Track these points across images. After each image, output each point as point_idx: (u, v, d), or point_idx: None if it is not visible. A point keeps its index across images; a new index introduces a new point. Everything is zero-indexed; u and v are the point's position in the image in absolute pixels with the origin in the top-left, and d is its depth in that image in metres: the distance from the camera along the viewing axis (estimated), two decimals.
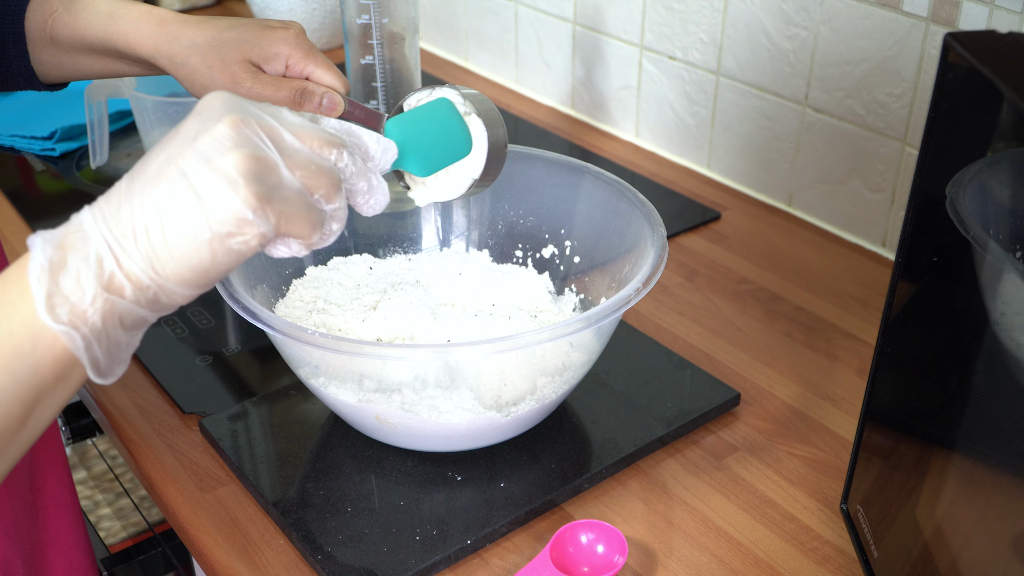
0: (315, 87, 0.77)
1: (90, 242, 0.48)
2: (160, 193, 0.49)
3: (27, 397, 0.47)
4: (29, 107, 1.35)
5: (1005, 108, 0.52)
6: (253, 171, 0.50)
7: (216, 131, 0.50)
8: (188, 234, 0.49)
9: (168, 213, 0.49)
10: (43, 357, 0.47)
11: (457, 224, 0.96)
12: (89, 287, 0.48)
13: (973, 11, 0.94)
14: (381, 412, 0.75)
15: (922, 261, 0.63)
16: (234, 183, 0.49)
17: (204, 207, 0.49)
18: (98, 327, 0.48)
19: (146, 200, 0.49)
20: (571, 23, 1.35)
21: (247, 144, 0.50)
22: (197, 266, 0.49)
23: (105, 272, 0.48)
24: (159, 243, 0.49)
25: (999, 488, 0.56)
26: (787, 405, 0.88)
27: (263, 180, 0.50)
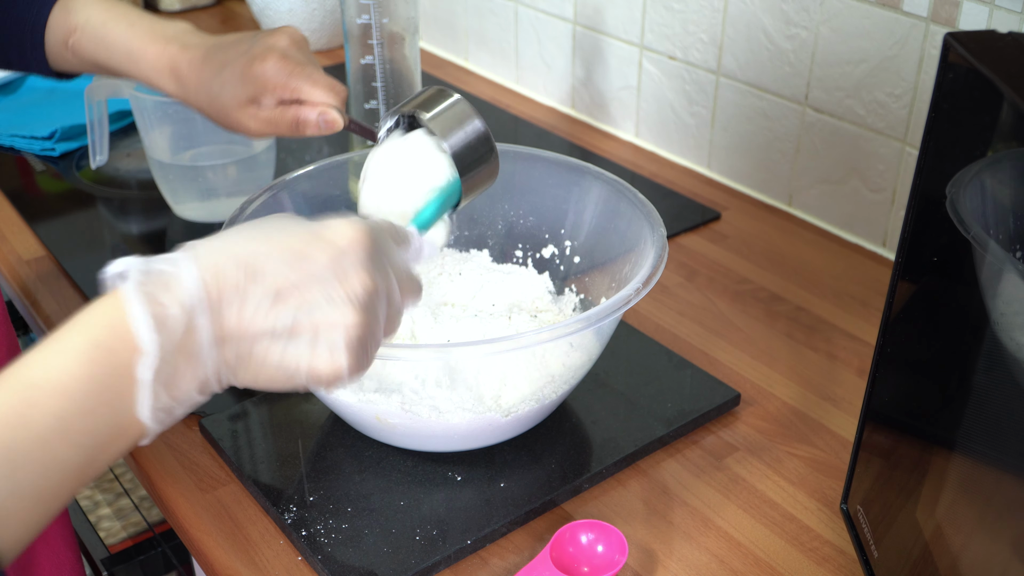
0: (307, 112, 0.78)
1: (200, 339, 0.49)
2: (281, 319, 0.50)
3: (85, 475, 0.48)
4: (29, 107, 1.35)
5: (1005, 108, 0.52)
6: (363, 346, 0.53)
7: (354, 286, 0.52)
8: (284, 368, 0.51)
9: (279, 342, 0.51)
10: (118, 441, 0.48)
11: (457, 224, 0.96)
12: (187, 392, 0.49)
13: (973, 11, 0.94)
14: (381, 412, 0.75)
15: (922, 261, 0.63)
16: (351, 350, 0.52)
17: (314, 355, 0.51)
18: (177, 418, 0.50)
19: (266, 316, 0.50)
20: (571, 23, 1.35)
21: (372, 315, 0.53)
22: (268, 385, 0.52)
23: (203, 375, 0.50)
24: (257, 362, 0.51)
25: (999, 488, 0.56)
26: (787, 405, 0.88)
27: (365, 349, 0.53)
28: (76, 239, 1.11)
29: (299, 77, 0.77)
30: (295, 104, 0.78)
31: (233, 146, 1.09)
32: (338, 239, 0.52)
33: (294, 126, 0.78)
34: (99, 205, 1.17)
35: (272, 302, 0.50)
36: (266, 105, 0.78)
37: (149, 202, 1.15)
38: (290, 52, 0.78)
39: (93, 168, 1.13)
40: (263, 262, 0.50)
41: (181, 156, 1.08)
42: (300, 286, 0.50)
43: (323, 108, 0.77)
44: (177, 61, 0.81)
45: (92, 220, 1.16)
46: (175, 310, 0.47)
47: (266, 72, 0.77)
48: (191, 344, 0.48)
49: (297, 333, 0.51)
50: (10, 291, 1.05)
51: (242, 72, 0.78)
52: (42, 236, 1.10)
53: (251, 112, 0.79)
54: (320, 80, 0.78)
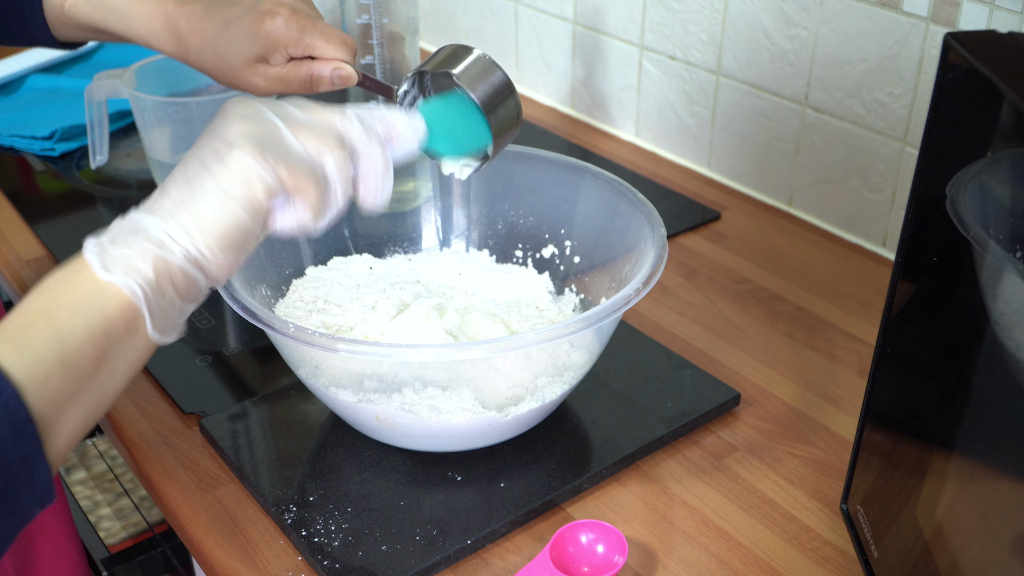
0: (321, 67, 0.77)
1: (138, 221, 0.55)
2: (184, 172, 0.56)
3: (98, 339, 0.51)
4: (29, 107, 1.35)
5: (1005, 108, 0.52)
6: (253, 133, 0.56)
7: (224, 115, 0.57)
8: (206, 197, 0.55)
9: (190, 186, 0.55)
10: (109, 304, 0.52)
11: (457, 224, 0.96)
12: (137, 245, 0.53)
13: (973, 11, 0.94)
14: (381, 412, 0.75)
15: (922, 261, 0.63)
16: (232, 143, 0.55)
17: (211, 170, 0.55)
18: (152, 280, 0.53)
19: (178, 184, 0.56)
20: (571, 23, 1.35)
21: (249, 117, 0.57)
22: (226, 228, 0.55)
23: (152, 237, 0.54)
24: (190, 213, 0.54)
25: (999, 488, 0.56)
26: (787, 405, 0.88)
27: (261, 138, 0.56)
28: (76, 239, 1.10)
29: (312, 33, 0.76)
30: (307, 60, 0.77)
31: None
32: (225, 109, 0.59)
33: (307, 83, 0.77)
34: (99, 205, 1.17)
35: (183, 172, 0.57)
36: (276, 62, 0.77)
37: None
38: (299, 6, 0.77)
39: (93, 168, 1.13)
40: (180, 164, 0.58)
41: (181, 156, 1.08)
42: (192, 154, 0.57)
43: (337, 63, 0.77)
44: (174, 17, 0.79)
45: (92, 220, 1.16)
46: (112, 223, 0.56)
47: (277, 29, 0.75)
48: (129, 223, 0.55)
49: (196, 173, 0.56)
50: (10, 291, 1.05)
51: (250, 29, 0.76)
52: (42, 236, 1.10)
53: (260, 70, 0.77)
54: (333, 35, 0.77)
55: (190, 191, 0.55)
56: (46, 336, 0.50)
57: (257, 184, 0.55)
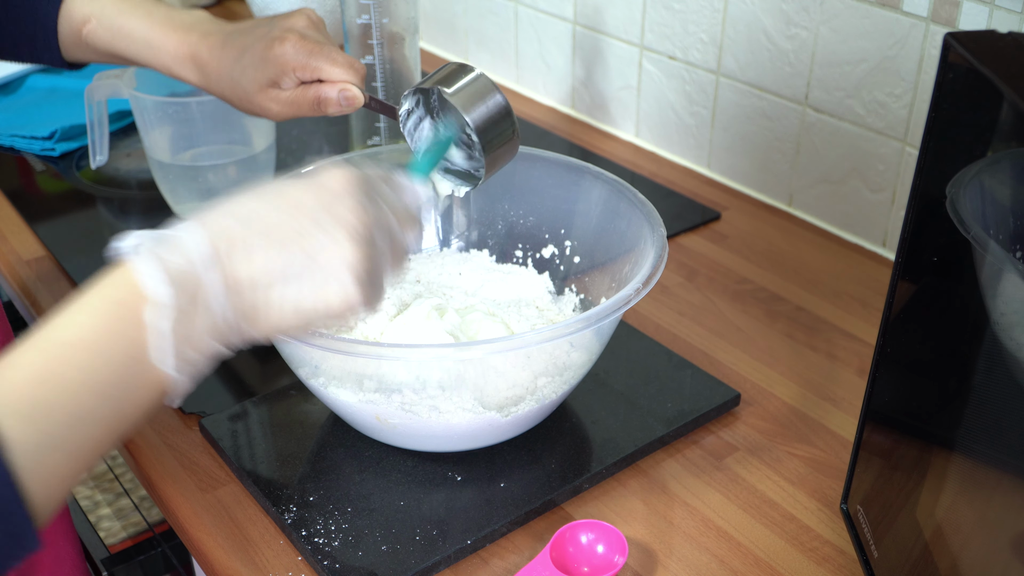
0: (328, 90, 0.79)
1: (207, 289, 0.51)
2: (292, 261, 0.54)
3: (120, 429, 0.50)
4: (29, 107, 1.35)
5: (1005, 108, 0.52)
6: (369, 275, 0.56)
7: (346, 216, 0.55)
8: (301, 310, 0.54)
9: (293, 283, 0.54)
10: (144, 394, 0.50)
11: (457, 224, 0.96)
12: (202, 338, 0.51)
13: (973, 11, 0.94)
14: (381, 412, 0.75)
15: (922, 261, 0.63)
16: (359, 281, 0.55)
17: (327, 294, 0.55)
18: (199, 369, 0.52)
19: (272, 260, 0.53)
20: (571, 23, 1.35)
21: (370, 241, 0.56)
22: (288, 330, 0.55)
23: (214, 321, 0.52)
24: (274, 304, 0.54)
25: (999, 488, 0.56)
26: (787, 405, 0.88)
27: (372, 278, 0.56)
28: (76, 239, 1.11)
29: (318, 56, 0.78)
30: (315, 84, 0.79)
31: (233, 146, 1.09)
32: (329, 182, 0.56)
33: (315, 105, 0.79)
34: (99, 205, 1.17)
35: (278, 249, 0.53)
36: (287, 86, 0.79)
37: (149, 202, 1.15)
38: (308, 33, 0.79)
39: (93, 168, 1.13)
40: (265, 214, 0.54)
41: (181, 156, 1.08)
42: (301, 230, 0.54)
43: (343, 85, 0.78)
44: (198, 49, 0.81)
45: (92, 220, 1.16)
46: (182, 262, 0.51)
47: (286, 53, 0.78)
48: (203, 295, 0.51)
49: (306, 274, 0.54)
50: (10, 291, 1.05)
51: (262, 55, 0.78)
52: (42, 236, 1.10)
53: (272, 95, 0.80)
54: (339, 59, 0.79)
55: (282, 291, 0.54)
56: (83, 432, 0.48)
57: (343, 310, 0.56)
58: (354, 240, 0.55)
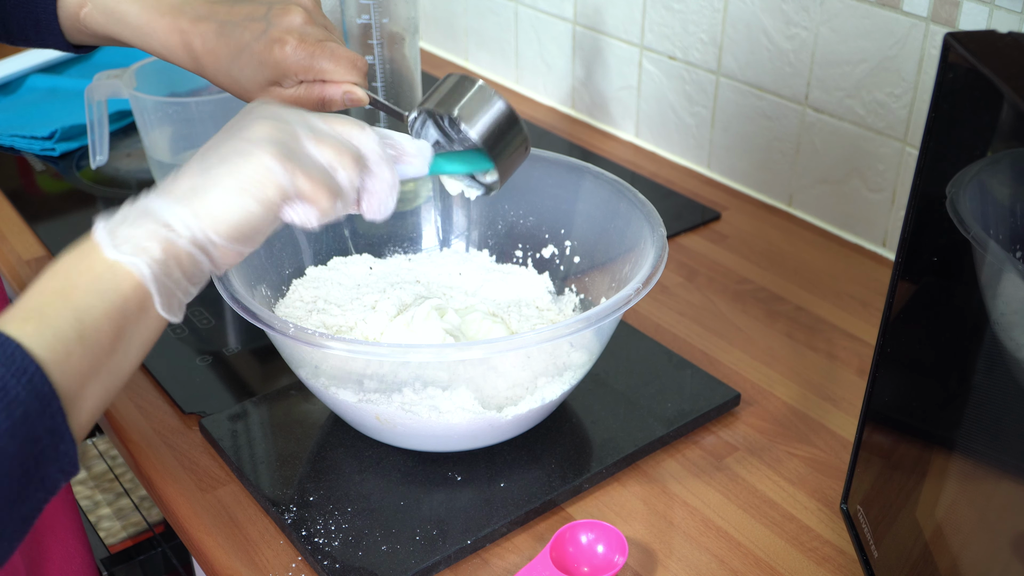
0: (332, 90, 0.78)
1: (148, 204, 0.57)
2: (205, 163, 0.58)
3: (114, 316, 0.54)
4: (29, 107, 1.35)
5: (1005, 108, 0.52)
6: (276, 137, 0.58)
7: (250, 116, 0.60)
8: (221, 189, 0.57)
9: (206, 175, 0.57)
10: (122, 283, 0.54)
11: (457, 224, 0.96)
12: (146, 226, 0.56)
13: (973, 11, 0.94)
14: (381, 412, 0.75)
15: (922, 261, 0.63)
16: (255, 143, 0.58)
17: (230, 165, 0.57)
18: (160, 259, 0.55)
19: (195, 170, 0.58)
20: (571, 23, 1.35)
21: (274, 120, 0.60)
22: (236, 218, 0.57)
23: (160, 219, 0.56)
24: (203, 198, 0.57)
25: (999, 488, 0.56)
26: (787, 405, 0.88)
27: (285, 144, 0.58)
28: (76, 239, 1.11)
29: (321, 58, 0.77)
30: (318, 83, 0.78)
31: None
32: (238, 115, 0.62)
33: (319, 105, 0.78)
34: (99, 205, 1.17)
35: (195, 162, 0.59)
36: (288, 86, 0.78)
37: None
38: (308, 30, 0.77)
39: (93, 168, 1.13)
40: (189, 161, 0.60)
41: (181, 156, 1.08)
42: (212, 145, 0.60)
43: (348, 86, 0.78)
44: (189, 36, 0.80)
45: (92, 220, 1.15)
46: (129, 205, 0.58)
47: (287, 58, 0.76)
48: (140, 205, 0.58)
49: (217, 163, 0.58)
50: (10, 291, 1.05)
51: (260, 57, 0.77)
52: (42, 236, 1.10)
53: (274, 92, 0.79)
54: (342, 56, 0.77)
55: (205, 181, 0.57)
56: (65, 314, 0.52)
57: (273, 187, 0.57)
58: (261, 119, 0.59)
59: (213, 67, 0.80)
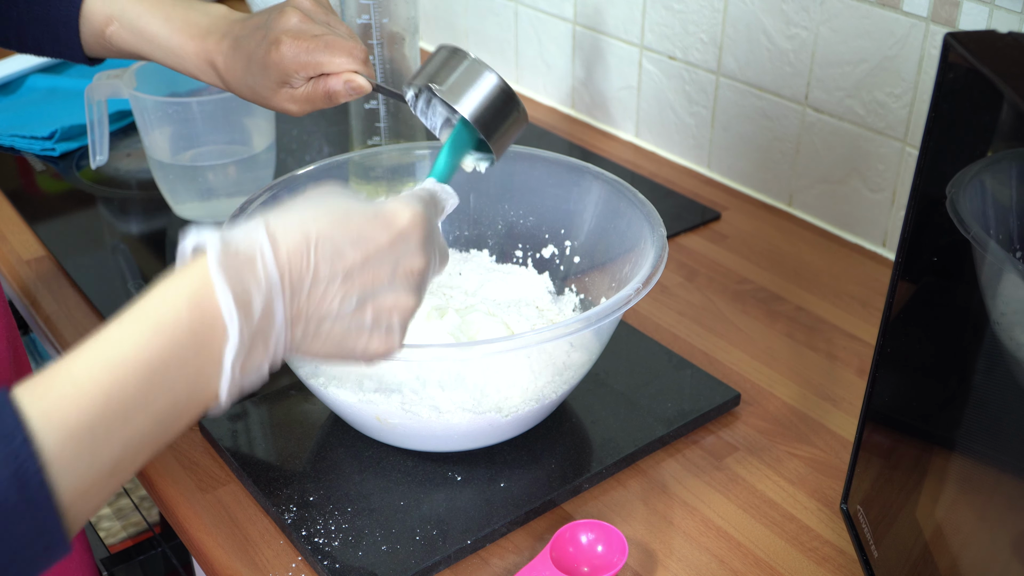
0: (334, 82, 0.79)
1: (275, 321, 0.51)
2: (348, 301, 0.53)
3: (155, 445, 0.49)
4: (29, 107, 1.35)
5: (1005, 108, 0.52)
6: (408, 322, 0.57)
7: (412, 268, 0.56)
8: (344, 345, 0.55)
9: (343, 320, 0.54)
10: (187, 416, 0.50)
11: (457, 224, 0.96)
12: (260, 372, 0.52)
13: (973, 11, 0.94)
14: (381, 412, 0.75)
15: (922, 261, 0.63)
16: (404, 330, 0.56)
17: (372, 337, 0.55)
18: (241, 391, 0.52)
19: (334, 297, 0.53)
20: (571, 23, 1.35)
21: (422, 294, 0.58)
22: (326, 359, 0.56)
23: (275, 354, 0.52)
24: (320, 337, 0.54)
25: (999, 488, 0.56)
26: (787, 405, 0.88)
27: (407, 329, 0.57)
28: (76, 239, 1.11)
29: (316, 52, 0.78)
30: (322, 78, 0.79)
31: (233, 146, 1.09)
32: (399, 221, 0.56)
33: (326, 99, 0.80)
34: (99, 205, 1.17)
35: (341, 283, 0.53)
36: (298, 84, 0.79)
37: (149, 202, 1.15)
38: (302, 27, 0.78)
39: (93, 168, 1.13)
40: (336, 244, 0.53)
41: (181, 156, 1.08)
42: (366, 268, 0.54)
43: (348, 76, 0.78)
44: (213, 56, 0.81)
45: (92, 220, 1.16)
46: (257, 295, 0.49)
47: (284, 58, 0.78)
48: (267, 327, 0.50)
49: (360, 314, 0.54)
50: (10, 291, 1.05)
51: (263, 62, 0.78)
52: (42, 236, 1.10)
53: (286, 94, 0.80)
54: (338, 47, 0.78)
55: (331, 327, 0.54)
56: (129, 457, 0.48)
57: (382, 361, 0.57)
58: (413, 291, 0.56)
59: (235, 81, 0.82)
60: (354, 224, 0.54)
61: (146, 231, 1.14)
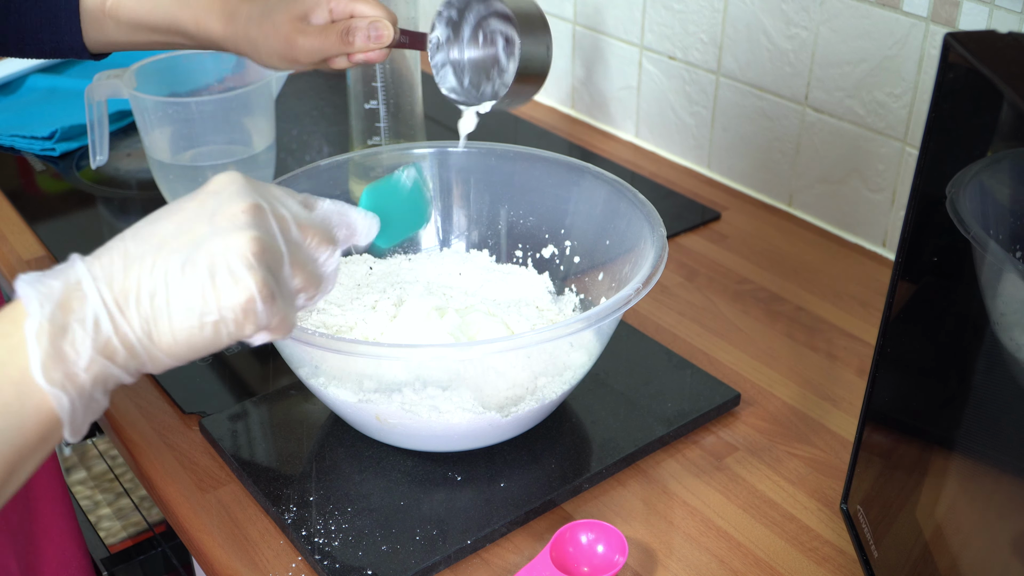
0: (359, 22, 0.78)
1: (88, 303, 0.48)
2: (171, 262, 0.49)
3: (10, 458, 0.46)
4: (29, 107, 1.35)
5: (1005, 108, 0.52)
6: (267, 261, 0.50)
7: (234, 210, 0.51)
8: (193, 310, 0.49)
9: (176, 284, 0.49)
10: (29, 417, 0.46)
11: (457, 224, 0.96)
12: (85, 351, 0.47)
13: (973, 11, 0.94)
14: (381, 412, 0.75)
15: (922, 261, 0.63)
16: (251, 268, 0.49)
17: (216, 286, 0.49)
18: (86, 390, 0.48)
19: (156, 266, 0.49)
20: (571, 23, 1.35)
21: (263, 230, 0.51)
22: (191, 342, 0.50)
23: (102, 336, 0.48)
24: (161, 313, 0.49)
25: (999, 488, 0.56)
26: (787, 405, 0.88)
27: (273, 272, 0.51)
28: (76, 239, 1.11)
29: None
30: (344, 20, 0.78)
31: (233, 146, 1.09)
32: (210, 185, 0.53)
33: (343, 33, 0.78)
34: (99, 205, 1.17)
35: (155, 253, 0.49)
36: (317, 20, 0.78)
37: (149, 202, 1.15)
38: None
39: (93, 168, 1.13)
40: (144, 226, 0.51)
41: (181, 156, 1.08)
42: (180, 229, 0.50)
43: (374, 19, 0.78)
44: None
45: (92, 220, 1.16)
46: (56, 282, 0.48)
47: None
48: (85, 309, 0.47)
49: (188, 269, 0.49)
50: (10, 291, 1.05)
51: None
52: (42, 236, 1.10)
53: (301, 27, 0.78)
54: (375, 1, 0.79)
55: (169, 294, 0.49)
56: None
57: (251, 327, 0.51)
58: (240, 228, 0.50)
59: (247, 15, 0.79)
60: (162, 211, 0.52)
61: None
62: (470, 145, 0.93)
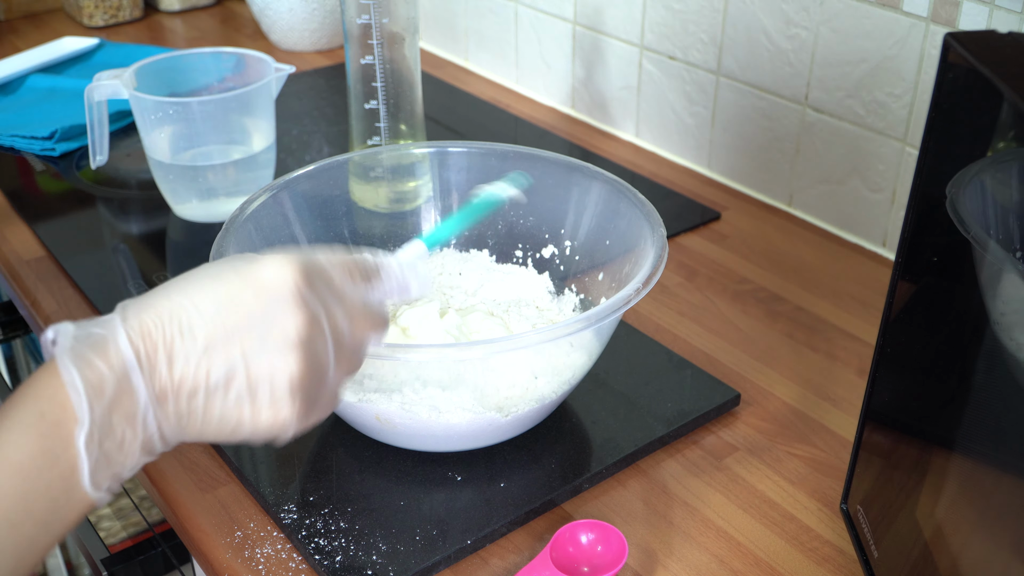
0: None
1: (138, 400, 0.48)
2: (215, 369, 0.49)
3: (49, 544, 0.47)
4: (29, 107, 1.35)
5: (1005, 108, 0.52)
6: (308, 387, 0.51)
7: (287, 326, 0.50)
8: (228, 421, 0.50)
9: (217, 394, 0.49)
10: (73, 510, 0.47)
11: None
12: (133, 454, 0.48)
13: (973, 11, 0.94)
14: (381, 412, 0.75)
15: (922, 261, 0.63)
16: (292, 395, 0.50)
17: (255, 406, 0.50)
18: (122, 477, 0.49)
19: (200, 368, 0.49)
20: (571, 23, 1.35)
21: (313, 351, 0.51)
22: (218, 438, 0.51)
23: (146, 434, 0.48)
24: (197, 415, 0.49)
25: (999, 488, 0.56)
26: (787, 405, 0.88)
27: (316, 386, 0.52)
28: (76, 239, 1.11)
29: None
30: None
31: (233, 146, 1.09)
32: (266, 280, 0.51)
33: None
34: (99, 205, 1.17)
35: (201, 355, 0.49)
36: None
37: (149, 202, 1.15)
38: None
39: (93, 168, 1.13)
40: (189, 315, 0.49)
41: (181, 156, 1.08)
42: (230, 336, 0.49)
43: None
44: None
45: (92, 220, 1.16)
46: (108, 373, 0.47)
47: None
48: (130, 405, 0.48)
49: (233, 385, 0.49)
50: (10, 291, 1.05)
51: None
52: (42, 236, 1.10)
53: None
54: None
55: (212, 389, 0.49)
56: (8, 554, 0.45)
57: (282, 439, 0.52)
58: (290, 351, 0.50)
59: None
60: (216, 290, 0.50)
61: (146, 231, 1.14)
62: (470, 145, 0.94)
